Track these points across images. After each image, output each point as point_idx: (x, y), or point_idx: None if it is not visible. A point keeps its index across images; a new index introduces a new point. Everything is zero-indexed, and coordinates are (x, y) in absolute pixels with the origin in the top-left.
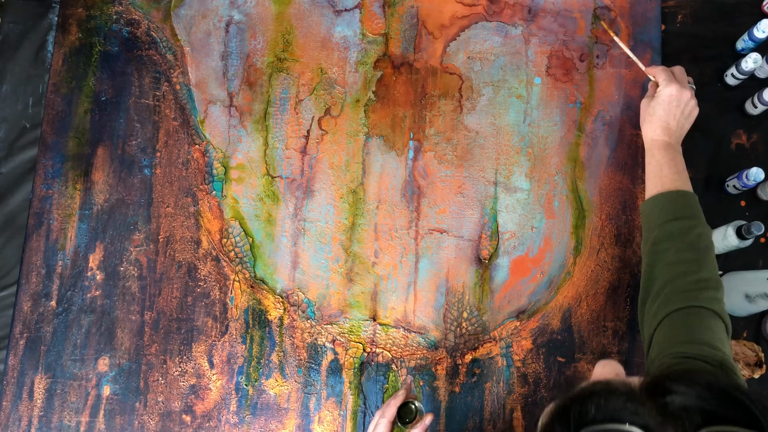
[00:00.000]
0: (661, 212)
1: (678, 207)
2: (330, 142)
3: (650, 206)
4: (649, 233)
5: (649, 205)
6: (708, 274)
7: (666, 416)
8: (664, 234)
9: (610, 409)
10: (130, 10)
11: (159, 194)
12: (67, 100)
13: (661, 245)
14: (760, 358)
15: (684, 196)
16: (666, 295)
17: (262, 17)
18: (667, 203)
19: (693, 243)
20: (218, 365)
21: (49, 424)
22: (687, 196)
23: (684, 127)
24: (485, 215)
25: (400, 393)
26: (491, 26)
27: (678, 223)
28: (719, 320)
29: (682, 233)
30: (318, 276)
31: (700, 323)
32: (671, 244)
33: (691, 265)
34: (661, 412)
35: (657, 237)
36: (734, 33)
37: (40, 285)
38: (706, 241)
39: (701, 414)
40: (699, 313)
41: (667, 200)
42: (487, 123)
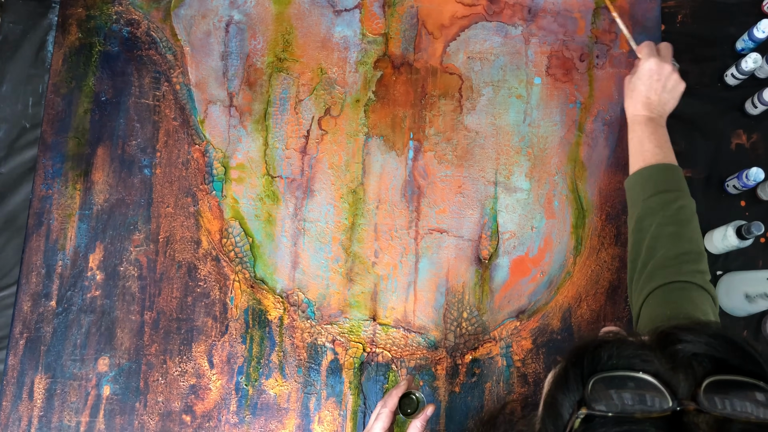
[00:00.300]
0: (642, 187)
1: (659, 181)
2: (330, 142)
3: (632, 182)
4: (633, 209)
5: (631, 181)
6: (689, 247)
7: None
8: (646, 209)
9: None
10: (130, 10)
11: (159, 194)
12: (67, 100)
13: (644, 221)
14: None
15: (665, 170)
16: (649, 272)
17: (262, 17)
18: (648, 178)
19: (674, 216)
20: (218, 365)
21: (49, 424)
22: (668, 169)
23: (667, 103)
24: (485, 215)
25: (402, 383)
26: (491, 26)
27: (658, 197)
28: (702, 291)
29: (663, 206)
30: (318, 276)
31: (684, 298)
32: (653, 219)
33: (673, 239)
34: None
35: (639, 214)
36: (734, 33)
37: (40, 285)
38: (688, 213)
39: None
40: (683, 288)
41: (648, 175)
42: (487, 123)
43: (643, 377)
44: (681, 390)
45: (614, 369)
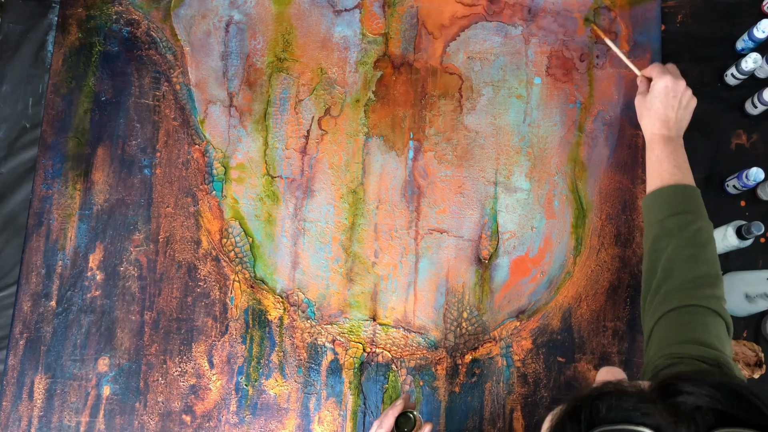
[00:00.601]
0: (660, 208)
1: (677, 202)
2: (330, 142)
3: (650, 202)
4: (649, 230)
5: (649, 200)
6: (706, 270)
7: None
8: (663, 230)
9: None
10: (130, 10)
11: (159, 194)
12: (67, 100)
13: (660, 242)
14: (760, 358)
15: (683, 190)
16: (664, 293)
17: (262, 17)
18: (666, 198)
19: (691, 238)
20: (218, 365)
21: (49, 424)
22: (687, 190)
23: (683, 119)
24: (485, 215)
25: (398, 403)
26: (491, 26)
27: (676, 218)
28: (717, 318)
29: (681, 228)
30: (318, 276)
31: (697, 322)
32: (670, 240)
33: (689, 262)
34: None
35: (656, 234)
36: (734, 33)
37: (40, 285)
38: (706, 236)
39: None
40: (696, 312)
41: (666, 195)
42: (487, 123)
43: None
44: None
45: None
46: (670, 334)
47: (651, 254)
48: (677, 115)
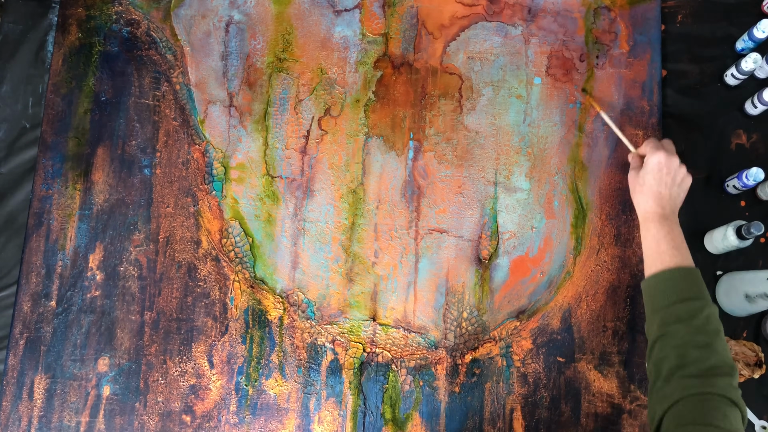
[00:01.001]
0: (664, 294)
1: (683, 287)
2: (330, 142)
3: (652, 285)
4: (654, 314)
5: (651, 284)
6: (721, 359)
7: None
8: (672, 317)
9: None
10: (130, 10)
11: (159, 194)
12: (67, 100)
13: (669, 328)
14: (760, 358)
15: (687, 274)
16: (678, 379)
17: (261, 17)
18: (669, 283)
19: (702, 326)
20: (218, 365)
21: (48, 424)
22: (690, 274)
23: (677, 197)
24: (485, 215)
25: None
26: (491, 26)
27: (684, 305)
28: (735, 408)
29: (691, 316)
30: (318, 276)
31: (716, 410)
32: (680, 327)
33: (703, 351)
34: None
35: (664, 319)
36: (734, 33)
37: (40, 285)
38: (715, 323)
39: None
40: (714, 401)
41: (669, 279)
42: (487, 123)
43: None
44: None
45: None
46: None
47: (661, 339)
48: (671, 193)
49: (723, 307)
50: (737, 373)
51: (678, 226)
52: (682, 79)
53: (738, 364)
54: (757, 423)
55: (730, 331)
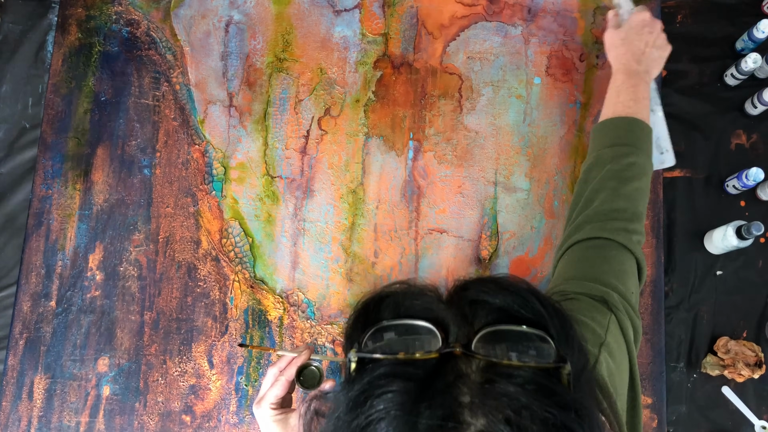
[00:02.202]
0: (601, 137)
1: (620, 134)
2: (330, 142)
3: (596, 130)
4: (587, 158)
5: (596, 128)
6: (624, 204)
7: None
8: (597, 159)
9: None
10: (130, 11)
11: (159, 194)
12: (67, 100)
13: (591, 172)
14: (760, 358)
15: (630, 123)
16: (577, 224)
17: (261, 17)
18: (610, 128)
19: (620, 171)
20: (218, 365)
21: (48, 424)
22: (634, 123)
23: (654, 59)
24: (485, 215)
25: (303, 353)
26: (491, 26)
27: (612, 149)
28: (623, 250)
29: (613, 159)
30: (318, 276)
31: (597, 257)
32: (599, 170)
33: (610, 194)
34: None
35: (590, 163)
36: (734, 33)
37: (40, 285)
38: (636, 171)
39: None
40: (601, 245)
41: (612, 125)
42: (486, 123)
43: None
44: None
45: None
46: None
47: (580, 183)
48: (649, 51)
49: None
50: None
51: (646, 85)
52: (682, 79)
53: (738, 364)
54: (757, 423)
55: (730, 331)
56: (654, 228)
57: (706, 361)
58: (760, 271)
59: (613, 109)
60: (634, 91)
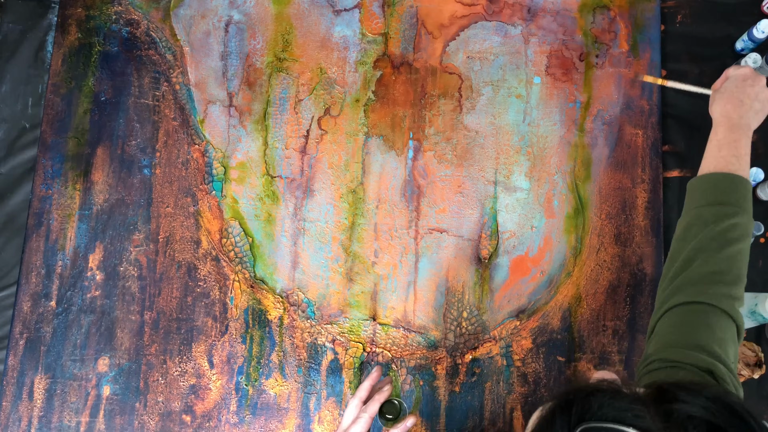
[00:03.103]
0: (702, 193)
1: (722, 191)
2: (330, 141)
3: (695, 185)
4: (685, 215)
5: (695, 183)
6: (727, 267)
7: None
8: (698, 217)
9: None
10: (130, 10)
11: (159, 194)
12: (67, 100)
13: (691, 230)
14: (760, 358)
15: (732, 181)
16: (677, 285)
17: (261, 17)
18: (711, 185)
19: (723, 232)
20: (218, 365)
21: (49, 424)
22: (736, 181)
23: (757, 113)
24: (485, 215)
25: (386, 389)
26: (491, 26)
27: (714, 208)
28: (725, 318)
29: (716, 220)
30: (318, 276)
31: (701, 323)
32: (700, 230)
33: (712, 255)
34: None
35: (689, 221)
36: (734, 33)
37: (40, 285)
38: (740, 232)
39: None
40: (703, 311)
41: (712, 182)
42: (486, 122)
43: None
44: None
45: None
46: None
47: (678, 241)
48: (751, 104)
49: None
50: (742, 285)
51: (748, 140)
52: (682, 79)
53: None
54: None
55: None
56: (654, 228)
57: None
58: (760, 271)
59: (714, 164)
60: (735, 146)
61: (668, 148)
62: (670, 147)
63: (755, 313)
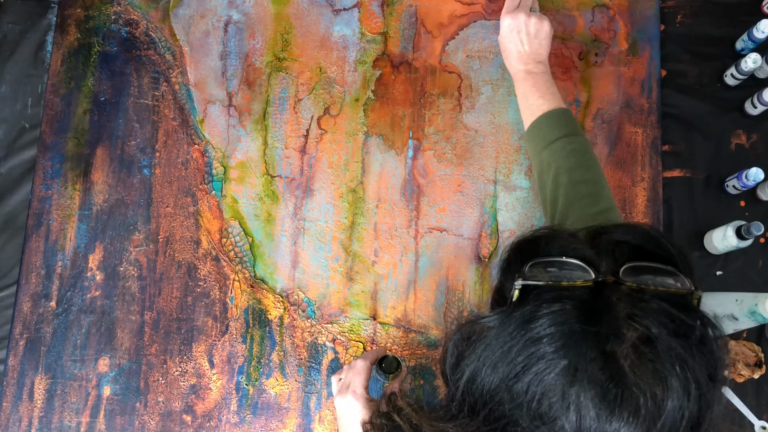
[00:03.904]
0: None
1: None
2: (329, 141)
3: (527, 138)
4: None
5: (526, 137)
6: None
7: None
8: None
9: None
10: (129, 11)
11: (158, 194)
12: (66, 100)
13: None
14: (760, 358)
15: (549, 118)
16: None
17: (260, 17)
18: (538, 130)
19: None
20: (218, 365)
21: (49, 424)
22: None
23: (539, 48)
24: (485, 214)
25: (379, 348)
26: (490, 25)
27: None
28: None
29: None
30: (318, 275)
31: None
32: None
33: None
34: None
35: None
36: (734, 33)
37: (40, 285)
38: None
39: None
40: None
41: (538, 127)
42: (486, 121)
43: (571, 260)
44: (604, 269)
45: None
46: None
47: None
48: (530, 47)
49: None
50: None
51: (544, 75)
52: (682, 79)
53: (738, 364)
54: (756, 423)
55: None
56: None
57: None
58: (760, 271)
59: (531, 114)
60: (536, 89)
61: (668, 148)
62: (669, 147)
63: (755, 313)
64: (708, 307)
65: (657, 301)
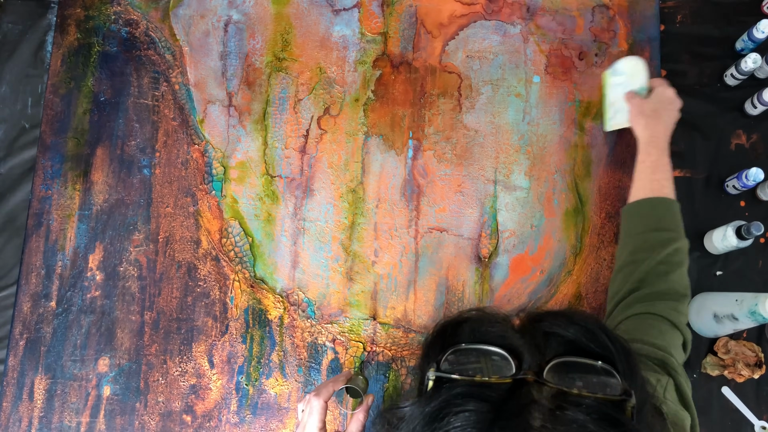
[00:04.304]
0: (644, 219)
1: (662, 217)
2: (329, 141)
3: (634, 210)
4: (629, 238)
5: (633, 209)
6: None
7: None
8: (645, 244)
9: (481, 332)
10: (129, 11)
11: (158, 194)
12: (66, 100)
13: (638, 254)
14: (760, 358)
15: (670, 206)
16: (630, 301)
17: (260, 17)
18: (652, 210)
19: (669, 256)
20: (218, 365)
21: (49, 424)
22: (673, 207)
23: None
24: (485, 214)
25: (341, 377)
26: (490, 25)
27: (658, 234)
28: (674, 329)
29: (663, 245)
30: (318, 275)
31: (653, 327)
32: (649, 255)
33: (661, 278)
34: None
35: (636, 245)
36: (734, 33)
37: (40, 285)
38: (681, 256)
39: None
40: (654, 319)
41: (653, 208)
42: (486, 122)
43: (492, 349)
44: (528, 364)
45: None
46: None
47: (629, 264)
48: (672, 128)
49: (692, 326)
50: (687, 301)
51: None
52: (682, 79)
53: (738, 364)
54: (756, 423)
55: None
56: None
57: (706, 361)
58: (760, 271)
59: (650, 187)
60: (667, 169)
61: None
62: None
63: (755, 313)
64: (708, 307)
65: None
